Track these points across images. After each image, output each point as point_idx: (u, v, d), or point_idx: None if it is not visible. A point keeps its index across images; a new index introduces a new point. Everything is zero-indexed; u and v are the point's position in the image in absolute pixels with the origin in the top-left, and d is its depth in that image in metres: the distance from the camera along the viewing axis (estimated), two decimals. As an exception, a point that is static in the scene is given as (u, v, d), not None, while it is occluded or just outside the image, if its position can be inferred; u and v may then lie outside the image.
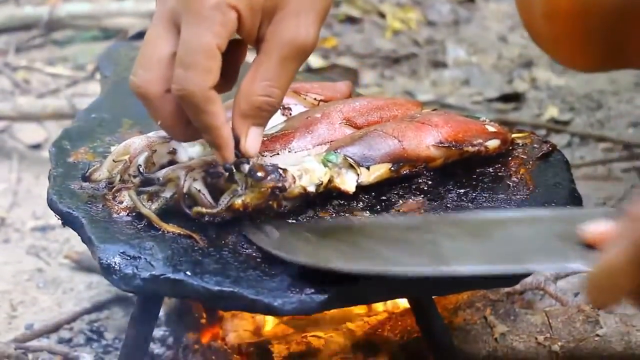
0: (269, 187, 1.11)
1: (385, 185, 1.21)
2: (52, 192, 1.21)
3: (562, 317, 1.39)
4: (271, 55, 1.12)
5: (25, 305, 1.68)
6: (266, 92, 1.12)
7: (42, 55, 2.74)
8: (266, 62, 1.12)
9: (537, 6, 1.58)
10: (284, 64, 1.12)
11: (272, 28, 1.12)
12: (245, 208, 1.11)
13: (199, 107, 1.09)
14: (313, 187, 1.15)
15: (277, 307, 1.04)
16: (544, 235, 1.03)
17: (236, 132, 1.13)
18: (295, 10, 1.11)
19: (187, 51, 1.08)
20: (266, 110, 1.13)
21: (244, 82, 1.13)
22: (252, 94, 1.12)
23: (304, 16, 1.11)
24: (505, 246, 1.03)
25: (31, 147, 2.25)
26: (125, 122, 1.39)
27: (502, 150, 1.27)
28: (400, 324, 1.39)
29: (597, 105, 2.34)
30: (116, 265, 1.08)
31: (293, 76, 1.14)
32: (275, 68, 1.12)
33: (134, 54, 1.65)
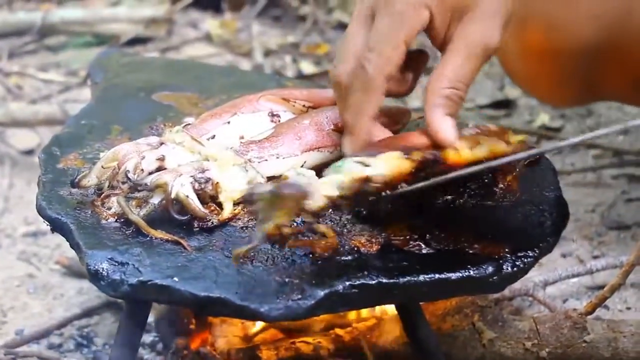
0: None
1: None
2: (41, 198, 1.21)
3: (550, 324, 1.40)
4: (459, 53, 1.18)
5: (16, 310, 1.69)
6: (453, 84, 1.18)
7: (34, 61, 2.74)
8: (453, 59, 1.18)
9: (511, 46, 1.60)
10: (469, 61, 1.18)
11: (461, 29, 1.18)
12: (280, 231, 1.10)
13: (364, 87, 1.17)
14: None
15: (264, 313, 1.04)
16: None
17: (432, 124, 1.17)
18: (484, 13, 1.18)
19: (376, 37, 1.17)
20: (454, 100, 1.18)
21: (431, 78, 1.19)
22: (441, 86, 1.18)
23: (491, 19, 1.18)
24: None
25: (23, 153, 2.26)
26: (114, 128, 1.39)
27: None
28: (388, 329, 1.39)
29: (587, 112, 2.35)
30: (104, 271, 1.09)
31: (476, 74, 1.20)
32: (462, 65, 1.18)
33: (124, 61, 1.66)
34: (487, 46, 1.19)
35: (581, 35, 1.52)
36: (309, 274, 1.09)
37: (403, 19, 1.16)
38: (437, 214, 1.20)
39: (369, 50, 1.17)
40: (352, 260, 1.11)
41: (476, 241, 1.15)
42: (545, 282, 1.61)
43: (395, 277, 1.09)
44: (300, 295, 1.06)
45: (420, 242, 1.15)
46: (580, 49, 1.53)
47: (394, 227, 1.17)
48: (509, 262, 1.12)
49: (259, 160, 1.21)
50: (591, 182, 2.02)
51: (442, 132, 1.17)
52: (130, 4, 3.09)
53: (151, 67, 1.64)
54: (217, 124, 1.28)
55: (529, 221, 1.20)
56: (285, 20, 3.03)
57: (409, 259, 1.12)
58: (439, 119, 1.17)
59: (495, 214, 1.21)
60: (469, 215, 1.20)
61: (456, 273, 1.10)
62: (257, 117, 1.30)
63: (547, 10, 1.55)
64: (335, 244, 1.12)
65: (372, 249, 1.13)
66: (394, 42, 1.17)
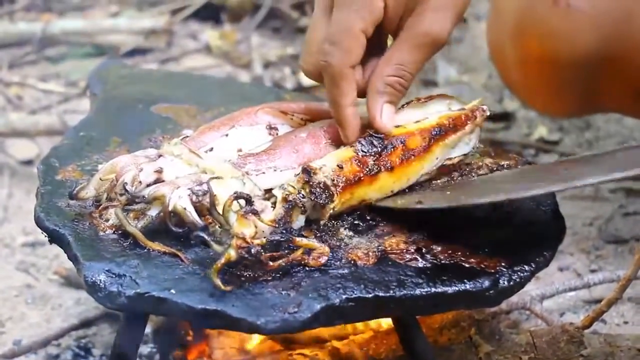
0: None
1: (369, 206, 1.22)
2: (39, 210, 1.22)
3: (547, 337, 1.40)
4: (406, 42, 1.23)
5: (14, 321, 1.69)
6: (398, 73, 1.23)
7: (35, 72, 2.75)
8: (401, 48, 1.24)
9: (509, 55, 1.61)
10: (416, 51, 1.23)
11: (412, 20, 1.23)
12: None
13: (333, 81, 1.22)
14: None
15: (260, 326, 1.05)
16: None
17: (371, 109, 1.23)
18: (435, 6, 1.22)
19: (335, 30, 1.22)
20: (397, 89, 1.24)
21: (379, 64, 1.24)
22: (386, 73, 1.23)
23: (442, 13, 1.23)
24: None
25: (22, 163, 2.26)
26: (113, 140, 1.40)
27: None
28: (385, 342, 1.40)
29: (586, 125, 2.35)
30: (101, 283, 1.09)
31: (422, 64, 1.25)
32: (409, 54, 1.23)
33: (124, 72, 1.67)
34: (436, 37, 1.23)
35: (580, 45, 1.53)
36: (305, 287, 1.09)
37: (359, 10, 1.21)
38: (433, 227, 1.20)
39: (330, 44, 1.21)
40: (348, 274, 1.12)
41: (473, 255, 1.15)
42: (542, 296, 1.61)
43: (391, 291, 1.09)
44: (296, 308, 1.06)
45: (417, 256, 1.15)
46: (579, 59, 1.54)
47: (390, 241, 1.17)
48: (506, 276, 1.13)
49: (256, 173, 1.22)
50: (589, 196, 2.02)
51: (379, 119, 1.23)
52: (130, 15, 3.10)
53: (150, 79, 1.65)
54: (215, 136, 1.28)
55: (526, 235, 1.20)
56: (285, 31, 3.04)
57: (406, 272, 1.12)
58: (379, 106, 1.23)
59: (491, 228, 1.21)
60: (465, 228, 1.21)
61: (453, 287, 1.11)
62: (255, 130, 1.31)
63: (546, 19, 1.56)
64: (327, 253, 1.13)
65: (369, 262, 1.14)
66: (352, 33, 1.21)
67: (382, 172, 1.21)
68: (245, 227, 1.09)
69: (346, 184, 1.18)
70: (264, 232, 1.11)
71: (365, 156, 1.21)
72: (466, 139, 1.30)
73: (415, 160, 1.24)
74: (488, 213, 1.23)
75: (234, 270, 1.09)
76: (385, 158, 1.21)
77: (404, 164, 1.23)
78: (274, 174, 1.23)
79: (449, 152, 1.29)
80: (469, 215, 1.23)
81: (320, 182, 1.16)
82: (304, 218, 1.17)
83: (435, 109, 1.30)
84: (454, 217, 1.22)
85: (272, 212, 1.13)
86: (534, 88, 1.66)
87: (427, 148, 1.25)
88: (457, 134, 1.28)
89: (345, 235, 1.18)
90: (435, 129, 1.26)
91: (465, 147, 1.30)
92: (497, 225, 1.22)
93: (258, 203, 1.13)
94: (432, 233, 1.19)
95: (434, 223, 1.21)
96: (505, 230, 1.21)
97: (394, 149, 1.22)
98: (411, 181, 1.25)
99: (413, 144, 1.24)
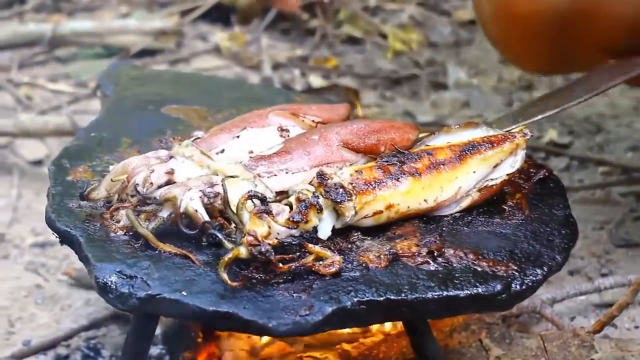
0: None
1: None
2: (50, 210, 1.21)
3: (558, 342, 1.40)
4: None
5: (23, 321, 1.69)
6: None
7: (44, 72, 2.75)
8: None
9: (486, 9, 1.62)
10: None
11: None
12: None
13: None
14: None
15: (272, 328, 1.04)
16: None
17: None
18: None
19: None
20: None
21: None
22: None
23: None
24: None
25: (32, 163, 2.26)
26: (124, 141, 1.40)
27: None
28: (395, 345, 1.39)
29: (596, 128, 2.35)
30: (112, 284, 1.09)
31: None
32: None
33: (134, 73, 1.67)
34: None
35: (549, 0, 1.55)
36: (317, 290, 1.09)
37: None
38: (445, 230, 1.20)
39: None
40: (360, 276, 1.11)
41: (484, 259, 1.15)
42: (552, 300, 1.60)
43: (403, 294, 1.09)
44: (308, 311, 1.06)
45: (429, 259, 1.14)
46: (549, 13, 1.56)
47: (402, 244, 1.17)
48: (518, 280, 1.12)
49: (268, 175, 1.21)
50: (599, 200, 2.02)
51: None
52: (140, 16, 3.10)
53: (160, 80, 1.65)
54: (227, 138, 1.28)
55: (538, 239, 1.20)
56: (294, 33, 3.04)
57: (418, 275, 1.12)
58: None
59: (504, 232, 1.20)
60: (477, 232, 1.20)
61: (464, 291, 1.10)
62: (267, 131, 1.30)
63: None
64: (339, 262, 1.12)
65: (381, 265, 1.13)
66: None
67: (408, 177, 1.19)
68: (258, 226, 1.09)
69: (365, 186, 1.17)
70: (278, 234, 1.10)
71: (388, 165, 1.20)
72: (510, 160, 1.26)
73: (447, 169, 1.22)
74: (501, 216, 1.23)
75: (245, 271, 1.09)
76: (410, 165, 1.20)
77: (432, 172, 1.21)
78: (286, 176, 1.22)
79: (490, 172, 1.25)
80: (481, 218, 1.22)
81: (335, 183, 1.15)
82: (330, 225, 1.17)
83: (471, 135, 1.28)
84: (466, 220, 1.22)
85: (288, 214, 1.12)
86: (508, 42, 1.70)
87: (460, 160, 1.23)
88: (495, 150, 1.25)
89: (357, 238, 1.17)
90: (467, 145, 1.24)
91: (510, 168, 1.26)
92: (509, 229, 1.21)
93: (275, 206, 1.13)
94: (443, 236, 1.18)
95: (446, 226, 1.20)
96: (517, 233, 1.20)
97: (420, 159, 1.21)
98: (447, 192, 1.22)
99: (441, 155, 1.22)
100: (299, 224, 1.12)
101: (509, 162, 1.26)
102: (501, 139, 1.26)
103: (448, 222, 1.22)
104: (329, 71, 2.72)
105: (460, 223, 1.22)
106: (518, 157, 1.27)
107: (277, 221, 1.11)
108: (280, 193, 1.21)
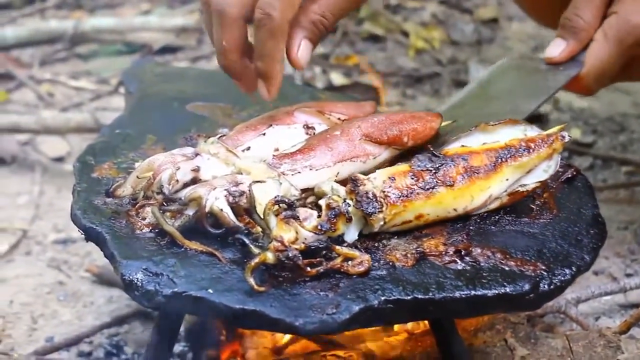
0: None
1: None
2: (75, 207, 1.21)
3: (583, 342, 1.38)
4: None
5: (46, 318, 1.69)
6: (322, 13, 1.29)
7: (66, 69, 2.76)
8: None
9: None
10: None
11: None
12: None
13: (272, 33, 1.23)
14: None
15: (299, 327, 1.04)
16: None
17: (289, 44, 1.27)
18: None
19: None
20: (319, 28, 1.29)
21: (306, 3, 1.29)
22: (311, 11, 1.28)
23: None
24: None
25: (54, 160, 2.26)
26: (149, 138, 1.39)
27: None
28: (419, 344, 1.38)
29: (620, 127, 2.33)
30: (138, 281, 1.09)
31: (345, 11, 1.33)
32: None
33: (158, 70, 1.67)
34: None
35: None
36: (343, 288, 1.08)
37: None
38: (472, 229, 1.19)
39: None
40: (387, 275, 1.11)
41: (512, 258, 1.14)
42: (577, 300, 1.59)
43: (430, 293, 1.08)
44: (335, 309, 1.05)
45: (456, 258, 1.14)
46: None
47: (429, 242, 1.16)
48: (546, 279, 1.11)
49: (292, 173, 1.21)
50: (623, 199, 2.00)
51: (295, 53, 1.28)
52: (161, 12, 3.11)
53: (185, 77, 1.65)
54: (253, 135, 1.28)
55: (566, 239, 1.19)
56: (316, 31, 3.03)
57: (445, 274, 1.11)
58: (297, 41, 1.28)
59: (531, 231, 1.20)
60: (505, 231, 1.19)
61: (492, 290, 1.09)
62: (292, 129, 1.30)
63: None
64: (368, 261, 1.11)
65: (408, 264, 1.13)
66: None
67: (441, 187, 1.18)
68: (285, 231, 1.08)
69: (398, 196, 1.16)
70: (305, 239, 1.10)
71: (422, 171, 1.18)
72: (544, 165, 1.24)
73: (481, 178, 1.20)
74: (528, 215, 1.22)
75: (272, 271, 1.08)
76: (444, 173, 1.18)
77: (466, 181, 1.19)
78: (310, 172, 1.22)
79: (523, 177, 1.23)
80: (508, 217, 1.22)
81: (368, 192, 1.15)
82: (357, 231, 1.16)
83: (507, 134, 1.26)
84: (494, 219, 1.21)
85: (316, 220, 1.12)
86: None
87: (495, 167, 1.20)
88: (532, 156, 1.23)
89: (384, 237, 1.17)
90: (504, 150, 1.22)
91: (543, 174, 1.24)
92: (537, 228, 1.20)
93: (303, 211, 1.12)
94: (471, 235, 1.18)
95: (474, 225, 1.19)
96: (545, 233, 1.19)
97: (455, 165, 1.19)
98: (477, 201, 1.20)
99: (477, 162, 1.20)
100: (327, 232, 1.12)
101: (542, 167, 1.24)
102: (539, 144, 1.23)
103: (475, 221, 1.21)
104: (350, 69, 2.71)
105: (488, 222, 1.21)
106: (552, 161, 1.25)
107: (305, 227, 1.10)
108: (305, 190, 1.20)
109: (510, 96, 1.43)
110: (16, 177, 2.18)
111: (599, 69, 1.41)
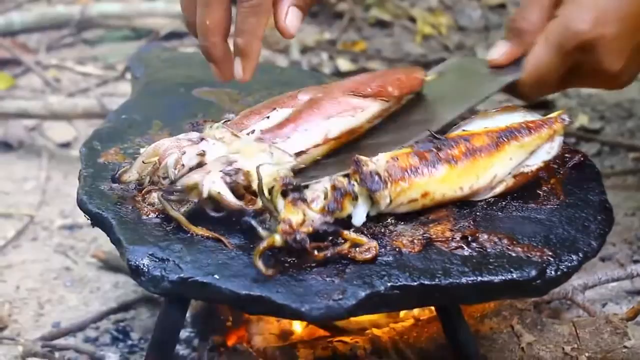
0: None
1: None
2: (82, 193, 1.21)
3: (590, 328, 1.38)
4: None
5: (53, 303, 1.69)
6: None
7: (72, 54, 2.75)
8: None
9: None
10: None
11: None
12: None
13: (255, 11, 1.20)
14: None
15: (305, 313, 1.04)
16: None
17: (277, 11, 1.25)
18: None
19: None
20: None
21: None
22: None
23: None
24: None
25: (60, 146, 2.26)
26: (155, 123, 1.39)
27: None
28: (426, 330, 1.38)
29: (627, 114, 2.32)
30: (145, 267, 1.09)
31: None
32: None
33: (165, 56, 1.66)
34: None
35: None
36: (350, 274, 1.08)
37: None
38: (479, 215, 1.19)
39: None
40: (393, 261, 1.11)
41: (519, 244, 1.14)
42: (584, 286, 1.59)
43: (437, 279, 1.08)
44: (341, 295, 1.05)
45: (463, 244, 1.14)
46: None
47: (435, 228, 1.16)
48: (553, 265, 1.11)
49: (282, 140, 1.22)
50: (631, 185, 2.00)
51: (282, 21, 1.26)
52: (167, -2, 3.10)
53: (192, 63, 1.64)
54: (257, 119, 1.28)
55: (573, 224, 1.18)
56: (322, 16, 3.02)
57: (451, 260, 1.11)
58: (285, 7, 1.26)
59: (538, 217, 1.19)
60: (512, 217, 1.19)
61: (499, 276, 1.09)
62: (296, 110, 1.30)
63: None
64: (375, 248, 1.11)
65: (414, 249, 1.12)
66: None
67: (444, 165, 1.18)
68: (293, 213, 1.08)
69: (401, 173, 1.16)
70: (313, 222, 1.10)
71: (424, 151, 1.19)
72: (547, 147, 1.24)
73: (483, 157, 1.20)
74: (535, 201, 1.22)
75: (279, 255, 1.08)
76: (446, 152, 1.19)
77: (469, 159, 1.19)
78: (300, 134, 1.24)
79: (527, 158, 1.23)
80: (515, 203, 1.21)
81: (371, 171, 1.14)
82: (364, 212, 1.16)
83: (508, 119, 1.26)
84: (500, 205, 1.20)
85: (322, 201, 1.12)
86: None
87: (497, 147, 1.21)
88: (533, 137, 1.23)
89: (390, 223, 1.16)
90: (505, 131, 1.22)
91: (546, 155, 1.24)
92: (544, 214, 1.20)
93: (309, 193, 1.12)
94: (477, 221, 1.17)
95: (480, 211, 1.19)
96: (552, 219, 1.19)
97: (456, 145, 1.20)
98: (483, 179, 1.20)
99: (479, 142, 1.21)
100: (334, 212, 1.11)
101: (545, 149, 1.24)
102: (539, 125, 1.24)
103: (482, 207, 1.20)
104: (357, 55, 2.71)
105: (495, 208, 1.21)
106: (555, 143, 1.25)
107: (312, 208, 1.10)
108: (299, 154, 1.21)
109: (434, 104, 1.38)
110: (23, 163, 2.18)
111: (538, 75, 1.31)
